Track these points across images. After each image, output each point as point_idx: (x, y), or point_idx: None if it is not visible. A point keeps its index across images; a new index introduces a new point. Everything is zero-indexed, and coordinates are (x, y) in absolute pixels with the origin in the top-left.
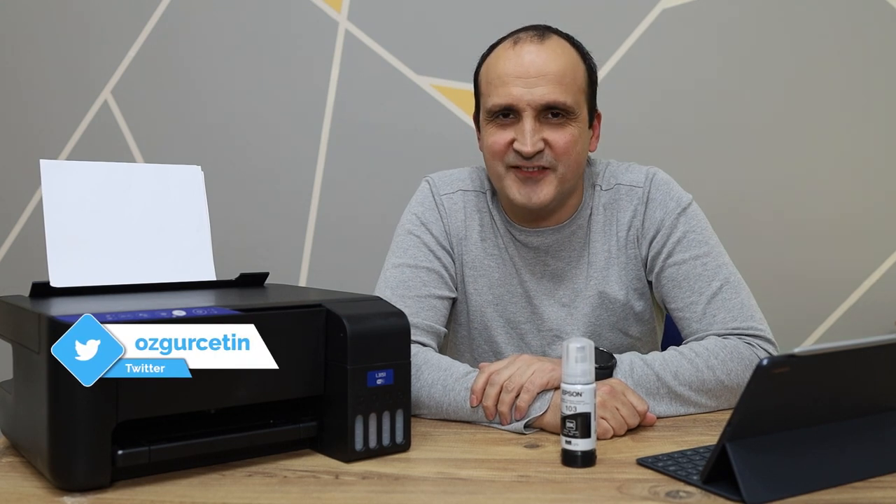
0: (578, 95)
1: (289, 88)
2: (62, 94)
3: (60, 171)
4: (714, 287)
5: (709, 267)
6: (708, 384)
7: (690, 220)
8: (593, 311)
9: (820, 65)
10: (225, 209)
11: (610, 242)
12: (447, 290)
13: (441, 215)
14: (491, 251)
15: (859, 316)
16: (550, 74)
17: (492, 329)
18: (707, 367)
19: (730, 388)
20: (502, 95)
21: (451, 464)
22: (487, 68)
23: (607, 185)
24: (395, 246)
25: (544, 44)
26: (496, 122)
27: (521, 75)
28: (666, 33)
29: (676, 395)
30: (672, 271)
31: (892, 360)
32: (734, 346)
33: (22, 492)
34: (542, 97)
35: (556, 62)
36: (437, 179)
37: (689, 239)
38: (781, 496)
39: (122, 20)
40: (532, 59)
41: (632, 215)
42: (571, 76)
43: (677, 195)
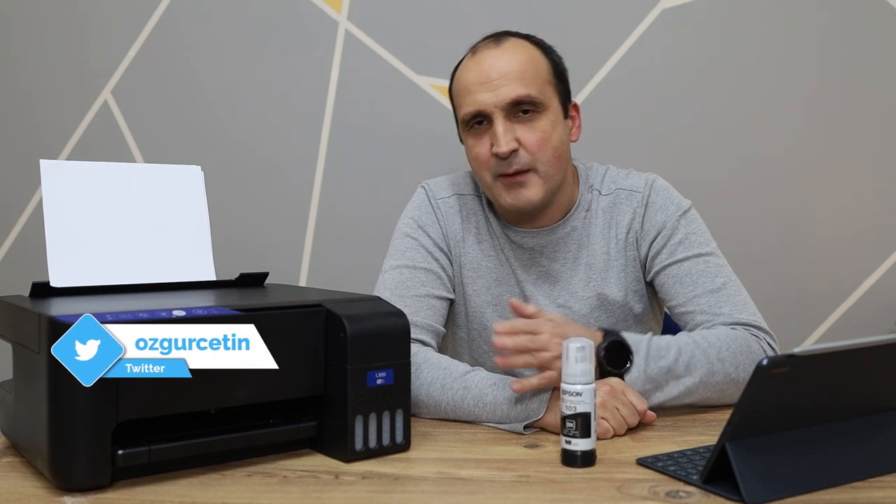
0: (544, 87)
1: (289, 88)
2: (62, 94)
3: (60, 171)
4: (718, 283)
5: (711, 265)
6: (716, 377)
7: (691, 223)
8: (591, 312)
9: (820, 65)
10: (225, 209)
11: (609, 245)
12: (445, 290)
13: (438, 218)
14: (488, 252)
15: (859, 316)
16: (511, 73)
17: (491, 329)
18: (718, 359)
19: (735, 382)
20: (470, 104)
21: (451, 464)
22: (455, 84)
23: (607, 189)
24: (392, 249)
25: (501, 46)
26: (472, 132)
27: (483, 81)
28: (666, 33)
29: (685, 386)
30: (674, 269)
31: (892, 360)
32: (744, 339)
33: (22, 492)
34: (506, 96)
35: (515, 60)
36: (432, 185)
37: (691, 240)
38: (781, 496)
39: (122, 20)
40: (492, 63)
41: (631, 218)
42: (533, 70)
43: (677, 200)
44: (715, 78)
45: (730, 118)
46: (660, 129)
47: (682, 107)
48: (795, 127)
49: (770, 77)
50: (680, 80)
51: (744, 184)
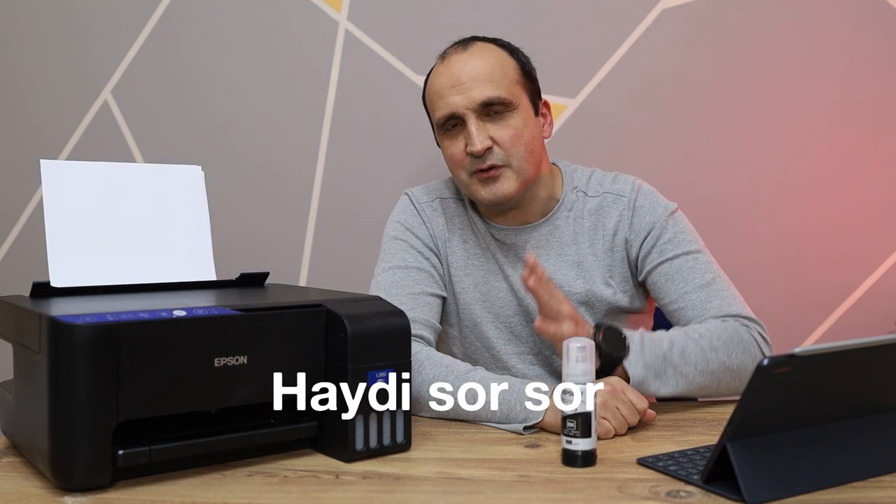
0: (513, 87)
1: (289, 88)
2: (62, 94)
3: (60, 171)
4: (707, 279)
5: (700, 262)
6: (712, 365)
7: (679, 223)
8: (578, 307)
9: (820, 64)
10: (225, 209)
11: (595, 246)
12: (438, 288)
13: (423, 220)
14: (474, 251)
15: (859, 316)
16: (480, 75)
17: (482, 325)
18: (711, 349)
19: (731, 371)
20: (443, 107)
21: (452, 463)
22: (428, 90)
23: (594, 192)
24: (382, 254)
25: (468, 51)
26: (447, 134)
27: (454, 84)
28: (666, 33)
29: (682, 374)
30: (665, 267)
31: (892, 360)
32: (734, 329)
33: (23, 492)
34: (477, 97)
35: (483, 63)
36: (415, 191)
37: (679, 239)
38: (781, 496)
39: (122, 20)
40: (461, 67)
41: (617, 220)
42: (501, 71)
43: (664, 202)
44: (715, 78)
45: (730, 118)
46: (659, 129)
47: (682, 107)
48: (796, 127)
49: (770, 77)
50: (680, 80)
51: (744, 184)
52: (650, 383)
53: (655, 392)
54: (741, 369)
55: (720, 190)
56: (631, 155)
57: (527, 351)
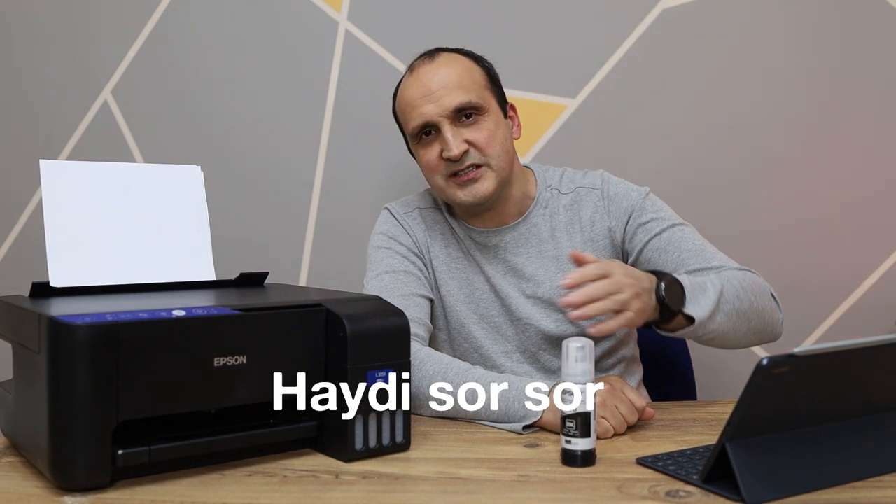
0: (482, 92)
1: (289, 88)
2: (62, 94)
3: (60, 171)
4: (698, 245)
5: (686, 232)
6: (744, 304)
7: (655, 202)
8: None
9: (820, 65)
10: (225, 209)
11: (574, 239)
12: (426, 290)
13: (406, 229)
14: (455, 255)
15: (859, 316)
16: (450, 83)
17: (468, 326)
18: (742, 288)
19: (758, 312)
20: (416, 117)
21: (451, 463)
22: (399, 102)
23: (567, 188)
24: (370, 264)
25: (435, 61)
26: (422, 142)
27: (425, 94)
28: (666, 33)
29: (725, 313)
30: (655, 242)
31: (892, 360)
32: (750, 276)
33: (22, 492)
34: (450, 104)
35: (451, 71)
36: (394, 205)
37: (661, 216)
38: (781, 496)
39: (122, 20)
40: (430, 77)
41: (593, 211)
42: (469, 78)
43: (635, 187)
44: (715, 78)
45: (730, 118)
46: (659, 129)
47: (682, 107)
48: (796, 127)
49: (770, 77)
50: (680, 80)
51: (743, 184)
52: (706, 324)
53: (704, 332)
54: (764, 311)
55: (720, 189)
56: (631, 155)
57: (513, 349)
